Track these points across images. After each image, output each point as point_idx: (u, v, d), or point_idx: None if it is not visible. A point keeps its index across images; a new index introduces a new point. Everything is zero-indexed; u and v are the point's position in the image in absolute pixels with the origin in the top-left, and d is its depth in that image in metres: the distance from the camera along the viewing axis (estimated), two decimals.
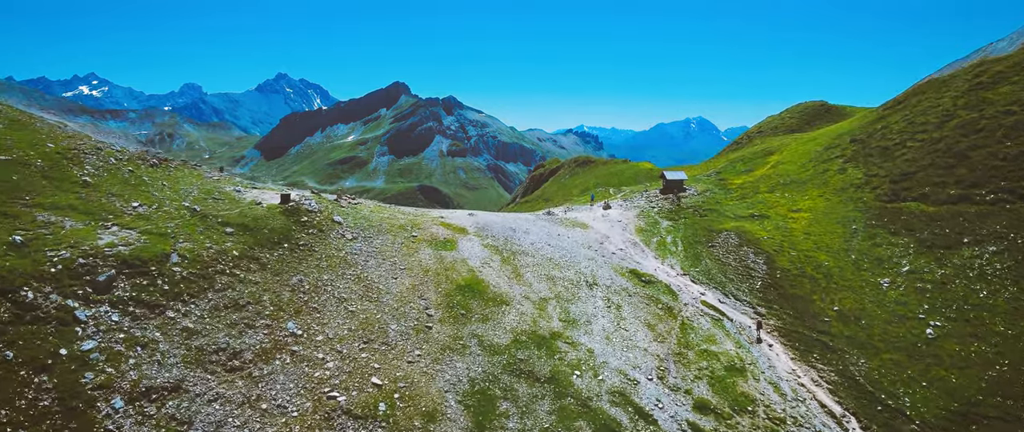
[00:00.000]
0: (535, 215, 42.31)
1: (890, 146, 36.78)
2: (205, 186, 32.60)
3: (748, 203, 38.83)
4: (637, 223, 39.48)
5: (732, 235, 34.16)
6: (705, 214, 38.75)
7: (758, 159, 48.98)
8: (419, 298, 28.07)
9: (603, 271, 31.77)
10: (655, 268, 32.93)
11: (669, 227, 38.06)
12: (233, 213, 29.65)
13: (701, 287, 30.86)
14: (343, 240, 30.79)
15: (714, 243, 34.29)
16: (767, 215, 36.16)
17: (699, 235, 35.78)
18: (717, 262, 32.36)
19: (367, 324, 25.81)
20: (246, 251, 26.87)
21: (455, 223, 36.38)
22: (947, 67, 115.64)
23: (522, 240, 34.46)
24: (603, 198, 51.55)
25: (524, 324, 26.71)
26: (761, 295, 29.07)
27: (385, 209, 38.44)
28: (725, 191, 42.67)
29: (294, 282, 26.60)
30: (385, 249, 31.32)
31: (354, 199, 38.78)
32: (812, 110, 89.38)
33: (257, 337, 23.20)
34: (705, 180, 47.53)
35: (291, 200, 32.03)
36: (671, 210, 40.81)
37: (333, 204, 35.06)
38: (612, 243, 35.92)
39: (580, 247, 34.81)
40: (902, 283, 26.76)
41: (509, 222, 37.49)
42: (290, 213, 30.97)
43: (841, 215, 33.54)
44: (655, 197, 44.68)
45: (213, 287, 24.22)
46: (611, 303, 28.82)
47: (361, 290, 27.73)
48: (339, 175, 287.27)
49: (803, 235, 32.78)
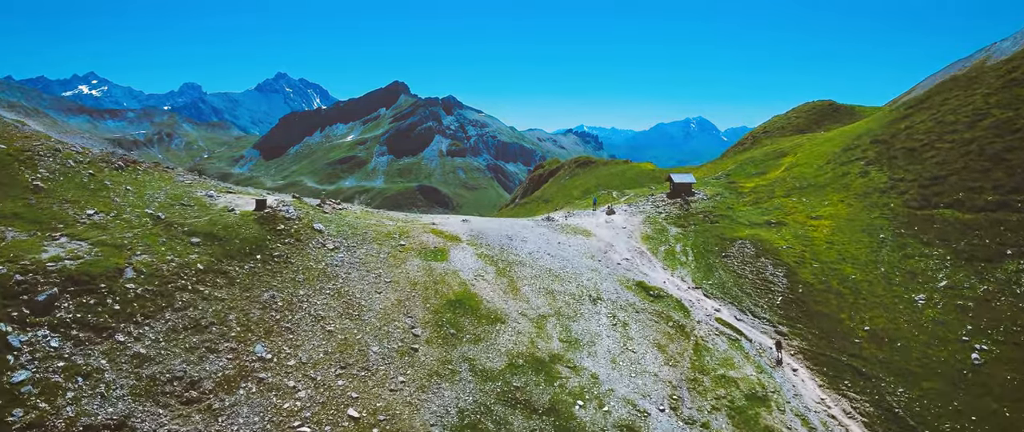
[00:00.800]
0: (534, 221, 39.68)
1: (917, 148, 34.09)
2: (174, 191, 29.98)
3: (763, 209, 36.15)
4: (643, 230, 36.83)
5: (747, 244, 31.50)
6: (716, 220, 36.08)
7: (770, 161, 46.30)
8: (405, 315, 25.44)
9: (607, 284, 29.15)
10: (664, 280, 30.29)
11: (678, 235, 35.41)
12: (201, 221, 27.01)
13: (715, 302, 28.21)
14: (323, 250, 28.16)
15: (728, 253, 31.63)
16: (784, 222, 33.48)
17: (711, 244, 33.13)
18: (732, 274, 29.71)
19: (346, 346, 23.20)
20: (213, 264, 24.24)
21: (447, 230, 33.75)
22: (950, 67, 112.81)
23: (519, 249, 31.83)
24: (606, 202, 48.92)
25: (521, 345, 24.09)
26: (782, 312, 26.39)
27: (372, 215, 35.81)
28: (737, 195, 40.00)
29: (266, 298, 23.97)
30: (369, 260, 28.69)
31: (339, 204, 36.14)
32: (819, 110, 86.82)
33: (220, 363, 20.58)
34: (714, 183, 44.85)
35: (267, 206, 29.41)
36: (679, 216, 38.15)
37: (315, 210, 32.45)
38: (617, 252, 33.29)
39: (582, 257, 32.18)
40: (940, 300, 24.10)
41: (506, 229, 34.87)
42: (265, 221, 28.34)
43: (866, 223, 30.87)
44: (662, 201, 42.04)
45: (172, 306, 21.61)
46: (617, 320, 26.19)
47: (341, 307, 25.10)
48: (338, 175, 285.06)
49: (825, 245, 30.11)
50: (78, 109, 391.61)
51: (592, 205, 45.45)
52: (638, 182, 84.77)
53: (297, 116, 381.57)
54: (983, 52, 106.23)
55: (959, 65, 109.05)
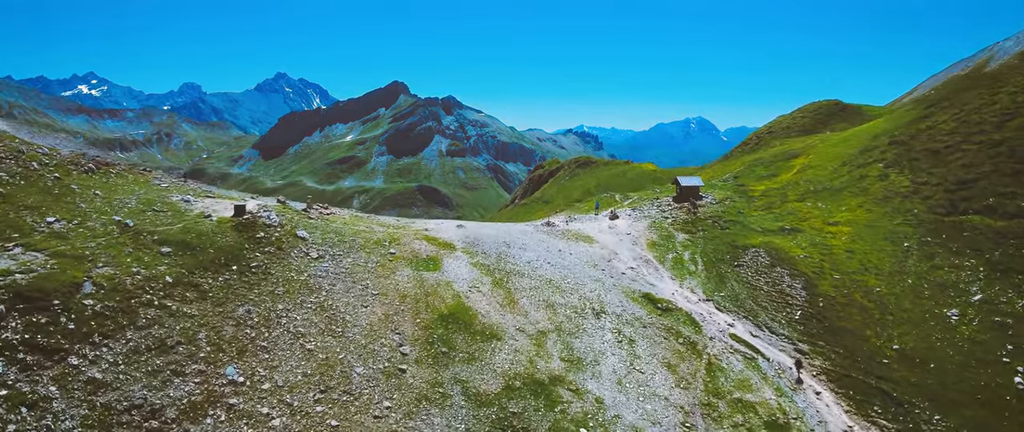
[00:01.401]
0: (533, 226, 37.68)
1: (940, 149, 32.09)
2: (147, 195, 27.99)
3: (776, 214, 34.16)
4: (649, 236, 34.82)
5: (761, 252, 29.50)
6: (727, 226, 34.07)
7: (780, 163, 44.28)
8: (392, 332, 23.44)
9: (612, 296, 27.16)
10: (672, 292, 28.29)
11: (686, 241, 33.40)
12: (174, 229, 25.01)
13: (728, 316, 26.20)
14: (306, 260, 26.15)
15: (740, 262, 29.62)
16: (800, 228, 31.48)
17: (722, 252, 31.12)
18: (746, 286, 27.69)
19: (327, 366, 21.21)
20: (183, 276, 22.24)
21: (441, 237, 31.76)
22: (952, 67, 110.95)
23: (517, 258, 29.85)
24: (608, 205, 46.91)
25: (518, 365, 22.11)
26: (801, 327, 24.38)
27: (362, 220, 33.83)
28: (747, 199, 37.99)
29: (240, 314, 21.97)
30: (356, 270, 26.69)
31: (327, 209, 34.15)
32: (825, 109, 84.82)
33: (186, 388, 18.58)
34: (723, 186, 42.83)
35: (246, 212, 27.42)
36: (687, 221, 36.13)
37: (300, 216, 30.46)
38: (621, 261, 31.30)
39: (585, 266, 30.20)
40: (975, 316, 22.11)
41: (503, 236, 32.90)
42: (243, 228, 26.35)
43: (888, 229, 28.86)
44: (668, 205, 40.01)
45: (135, 324, 19.61)
46: (623, 337, 24.20)
47: (323, 322, 23.10)
48: (338, 175, 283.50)
49: (845, 253, 28.10)
50: (77, 109, 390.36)
51: (594, 209, 43.47)
52: (640, 184, 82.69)
53: (296, 116, 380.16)
54: (986, 52, 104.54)
55: (962, 65, 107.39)
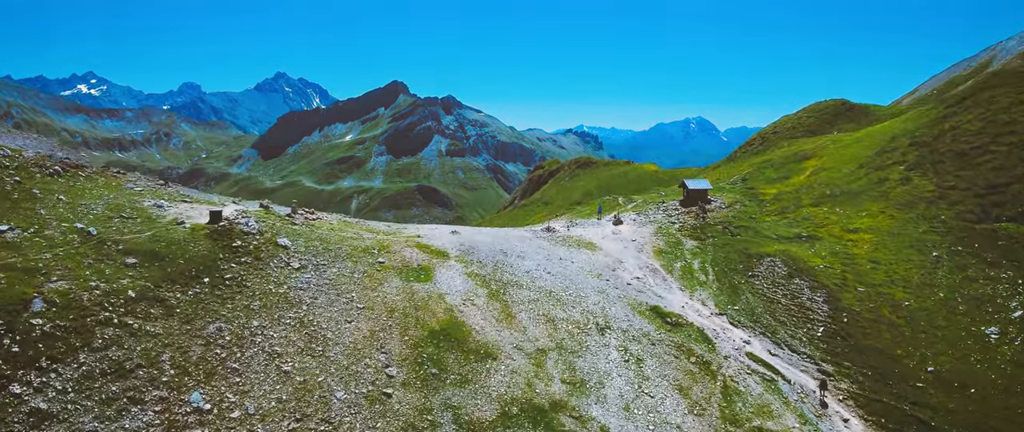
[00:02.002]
0: (532, 232, 35.69)
1: (967, 151, 30.09)
2: (117, 200, 26.00)
3: (790, 220, 32.17)
4: (655, 243, 32.81)
5: (778, 262, 27.49)
6: (738, 233, 32.07)
7: (791, 164, 42.28)
8: (378, 351, 21.44)
9: (617, 309, 25.17)
10: (682, 304, 26.29)
11: (695, 249, 31.40)
12: (142, 237, 23.01)
13: (744, 332, 24.20)
14: (287, 270, 24.15)
15: (755, 272, 27.60)
16: (817, 236, 29.48)
17: (734, 261, 29.12)
18: (762, 298, 25.68)
19: (304, 391, 19.23)
20: (148, 290, 20.25)
21: (434, 244, 29.77)
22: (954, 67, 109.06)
23: (515, 267, 27.86)
24: (611, 209, 44.87)
25: (516, 388, 20.13)
26: (825, 346, 22.38)
27: (350, 226, 31.83)
28: (758, 204, 36.01)
29: (210, 332, 19.98)
30: (341, 281, 24.68)
31: (313, 215, 32.14)
32: (832, 109, 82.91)
33: (144, 418, 16.65)
34: (731, 189, 40.83)
35: (223, 219, 25.44)
36: (695, 227, 34.11)
37: (283, 222, 28.46)
38: (626, 270, 29.31)
39: (587, 275, 28.21)
40: (1017, 334, 20.15)
41: (500, 243, 30.90)
42: (219, 236, 24.36)
43: (914, 237, 26.87)
44: (674, 210, 38.01)
45: (89, 345, 17.64)
46: (629, 355, 22.22)
47: (302, 341, 21.10)
48: (337, 175, 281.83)
49: (869, 263, 26.10)
50: (75, 108, 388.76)
51: (597, 213, 41.46)
52: (642, 185, 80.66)
53: (296, 116, 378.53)
54: (988, 51, 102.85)
55: (964, 64, 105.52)
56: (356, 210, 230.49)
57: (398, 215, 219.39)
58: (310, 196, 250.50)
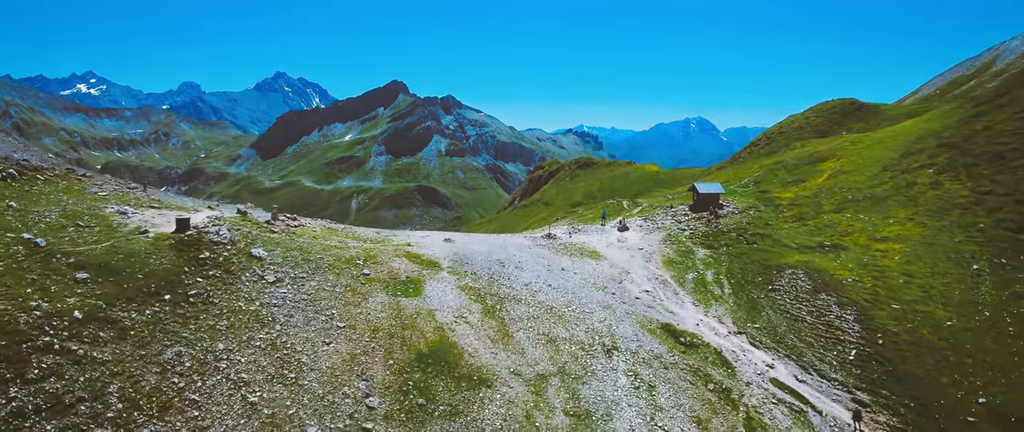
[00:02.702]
0: (531, 239, 33.32)
1: (1004, 152, 27.71)
2: (75, 207, 23.66)
3: (811, 227, 29.81)
4: (664, 251, 30.45)
5: (800, 274, 25.12)
6: (754, 241, 29.70)
7: (806, 166, 39.90)
8: (359, 377, 19.10)
9: (625, 327, 22.83)
10: (697, 321, 23.91)
11: (708, 258, 29.03)
12: (98, 249, 20.65)
13: (767, 355, 21.83)
14: (260, 285, 21.79)
15: (776, 285, 25.23)
16: (842, 245, 27.11)
17: (752, 272, 26.74)
18: (785, 316, 23.30)
19: (273, 426, 16.90)
20: (98, 310, 17.89)
21: (425, 253, 27.42)
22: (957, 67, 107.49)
23: (513, 279, 25.51)
24: (616, 214, 42.48)
25: (513, 421, 17.80)
26: (859, 371, 20.03)
27: (335, 234, 29.48)
28: (774, 209, 33.64)
29: (168, 357, 17.62)
30: (320, 296, 22.33)
31: (295, 221, 29.78)
32: (840, 109, 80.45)
33: None
34: (743, 193, 38.43)
35: (191, 227, 23.11)
36: (707, 234, 31.75)
37: (260, 229, 26.10)
38: (634, 282, 26.95)
39: (591, 288, 25.85)
40: None
41: (496, 251, 28.54)
42: (185, 247, 22.02)
43: (950, 247, 24.51)
44: (684, 215, 35.62)
45: (23, 376, 15.31)
46: (640, 381, 19.90)
47: (273, 366, 18.75)
48: (336, 175, 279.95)
49: (902, 277, 23.72)
50: (74, 108, 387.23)
51: (601, 219, 39.08)
52: (645, 186, 78.25)
53: (295, 115, 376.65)
54: (991, 51, 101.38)
55: (967, 65, 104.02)
56: (356, 210, 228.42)
57: (398, 215, 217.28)
58: (309, 196, 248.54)
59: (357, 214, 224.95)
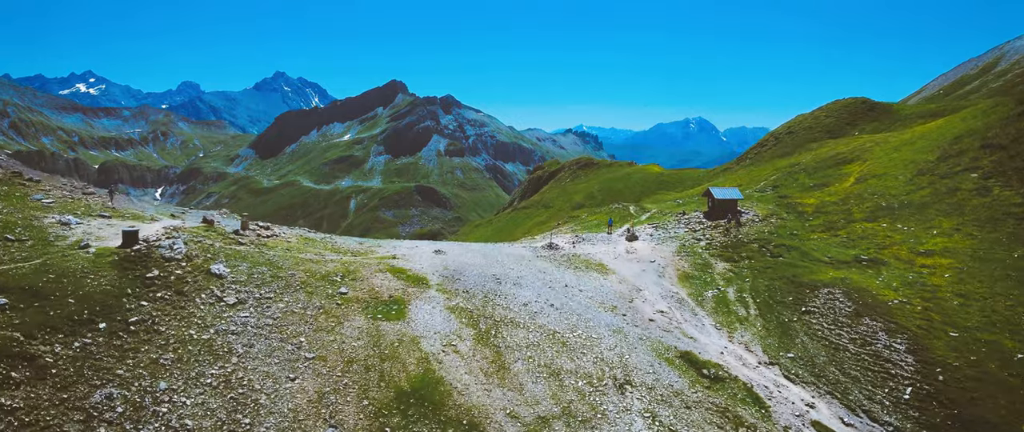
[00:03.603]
0: (532, 249, 30.29)
1: None
2: (9, 217, 20.67)
3: (843, 239, 26.79)
4: (678, 264, 27.45)
5: (838, 294, 22.08)
6: (779, 253, 26.66)
7: (829, 170, 36.86)
8: (326, 422, 16.13)
9: (639, 355, 19.86)
10: (721, 349, 20.91)
11: (728, 273, 26.01)
12: (25, 268, 17.65)
13: (805, 391, 18.80)
14: (218, 308, 18.81)
15: (809, 306, 22.18)
16: (882, 259, 24.09)
17: (780, 290, 23.69)
18: (823, 344, 20.26)
19: None
20: (11, 344, 14.89)
21: (411, 268, 24.42)
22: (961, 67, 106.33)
23: (510, 298, 22.52)
24: (623, 221, 39.42)
25: None
26: (917, 414, 16.98)
27: (312, 245, 26.46)
28: (798, 216, 30.62)
29: (96, 401, 14.63)
30: (288, 320, 19.33)
31: (268, 231, 26.75)
32: (852, 107, 77.78)
33: None
34: (762, 198, 35.40)
35: (140, 240, 20.12)
36: (726, 245, 28.72)
37: (225, 241, 23.08)
38: (647, 300, 23.93)
39: (599, 308, 22.86)
40: None
41: (492, 265, 25.54)
42: (131, 264, 19.05)
43: (1008, 264, 21.49)
44: (698, 223, 32.59)
45: None
46: (659, 425, 16.91)
47: (225, 410, 15.74)
48: (335, 174, 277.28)
49: (956, 298, 20.70)
50: (72, 107, 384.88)
51: (607, 227, 36.03)
52: (648, 188, 75.26)
53: (293, 115, 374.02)
54: (995, 51, 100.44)
55: (971, 64, 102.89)
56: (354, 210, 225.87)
57: (396, 215, 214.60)
58: (308, 196, 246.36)
59: (355, 214, 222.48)
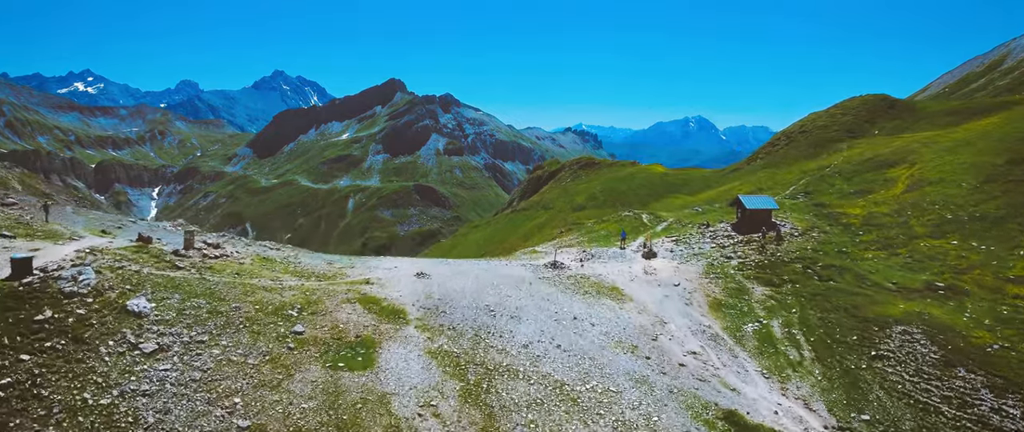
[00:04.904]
0: (532, 268, 25.84)
1: None
2: None
3: (905, 258, 22.40)
4: (708, 288, 23.04)
5: (917, 334, 17.66)
6: (830, 276, 22.22)
7: (869, 174, 32.46)
8: None
9: (671, 417, 15.54)
10: (774, 407, 16.49)
11: (769, 300, 21.57)
12: None
13: None
14: (130, 359, 14.46)
15: (881, 349, 17.72)
16: (961, 287, 19.72)
17: (839, 325, 19.23)
18: (907, 403, 15.76)
19: None
20: None
21: (387, 297, 20.04)
22: (966, 65, 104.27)
23: (507, 337, 18.19)
24: (635, 230, 34.93)
25: None
26: None
27: (271, 266, 22.00)
28: (844, 229, 26.23)
29: None
30: (222, 374, 14.96)
31: (218, 249, 22.30)
32: (871, 105, 73.87)
33: None
34: (796, 207, 31.00)
35: (33, 271, 15.82)
36: (762, 264, 24.28)
37: (157, 265, 18.71)
38: (674, 337, 19.53)
39: (616, 349, 18.51)
40: None
41: (485, 290, 21.10)
42: (15, 303, 14.74)
43: None
44: (726, 236, 28.17)
45: None
46: None
47: None
48: (333, 174, 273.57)
49: None
50: (69, 106, 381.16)
51: (619, 240, 31.51)
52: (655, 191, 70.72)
53: (291, 113, 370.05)
54: (1001, 49, 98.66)
55: (976, 62, 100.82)
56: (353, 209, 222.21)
57: (395, 214, 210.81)
58: (306, 195, 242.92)
59: (354, 213, 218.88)
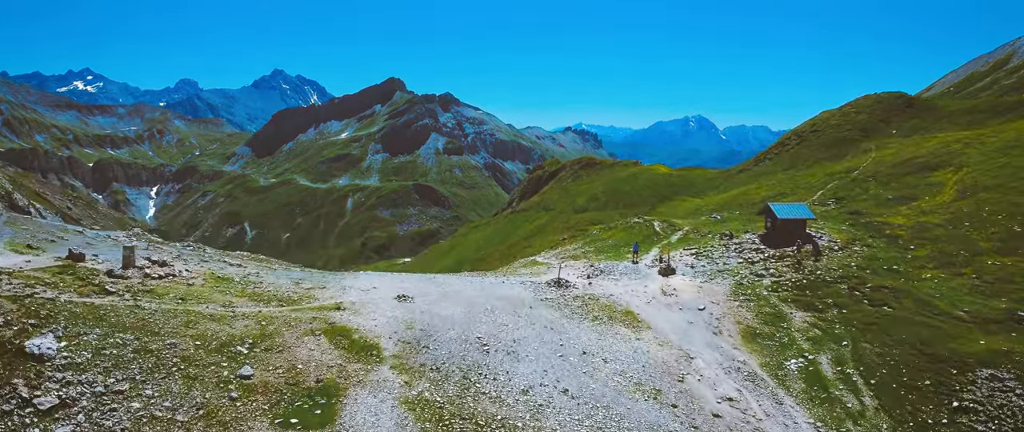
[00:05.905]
0: (532, 287, 22.41)
1: None
2: None
3: (973, 279, 18.99)
4: (738, 314, 19.60)
5: (1008, 382, 14.01)
6: (883, 300, 18.75)
7: (909, 177, 29.10)
8: None
9: None
10: None
11: (812, 329, 18.13)
12: None
13: None
14: (18, 418, 11.06)
15: (965, 398, 14.33)
16: None
17: (903, 364, 15.79)
18: None
19: None
20: None
21: (361, 326, 16.71)
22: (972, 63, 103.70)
23: (502, 380, 14.86)
24: (648, 241, 31.38)
25: None
26: None
27: (226, 287, 18.63)
28: (890, 243, 22.86)
29: None
30: None
31: (164, 268, 18.94)
32: (887, 103, 71.12)
33: None
34: (827, 215, 27.63)
35: None
36: (800, 283, 20.84)
37: (79, 289, 15.40)
38: (704, 377, 16.03)
39: (635, 394, 15.11)
40: None
41: (477, 319, 17.65)
42: None
43: None
44: (754, 249, 24.71)
45: None
46: None
47: None
48: (332, 173, 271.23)
49: None
50: (67, 105, 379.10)
51: (632, 253, 27.90)
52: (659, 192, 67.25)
53: (290, 112, 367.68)
54: (1007, 47, 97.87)
55: (982, 61, 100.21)
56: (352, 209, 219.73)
57: (395, 214, 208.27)
58: (305, 195, 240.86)
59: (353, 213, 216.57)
